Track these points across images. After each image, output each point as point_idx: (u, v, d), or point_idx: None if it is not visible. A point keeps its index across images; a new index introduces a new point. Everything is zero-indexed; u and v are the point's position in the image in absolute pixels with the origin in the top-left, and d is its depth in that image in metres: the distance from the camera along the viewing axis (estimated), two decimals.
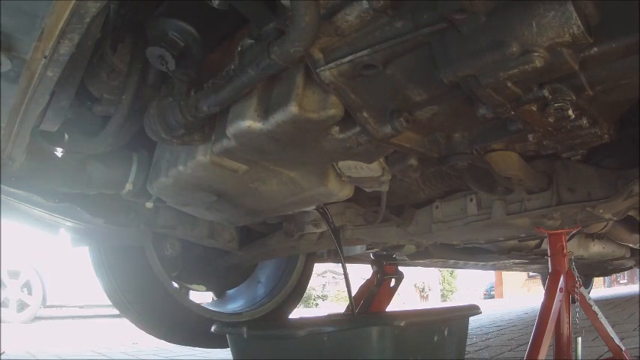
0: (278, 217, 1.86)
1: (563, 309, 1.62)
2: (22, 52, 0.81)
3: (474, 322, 3.14)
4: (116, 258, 1.88)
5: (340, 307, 8.98)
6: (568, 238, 1.78)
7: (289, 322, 2.14)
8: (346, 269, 1.66)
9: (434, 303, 21.27)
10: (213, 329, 1.50)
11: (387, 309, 3.04)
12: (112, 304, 1.98)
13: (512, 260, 3.07)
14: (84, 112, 1.29)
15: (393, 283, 3.04)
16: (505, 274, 17.75)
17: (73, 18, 0.76)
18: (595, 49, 0.79)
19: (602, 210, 1.46)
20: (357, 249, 2.42)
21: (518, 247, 2.57)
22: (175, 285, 2.11)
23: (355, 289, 2.96)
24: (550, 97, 0.87)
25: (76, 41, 0.80)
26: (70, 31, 0.78)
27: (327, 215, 1.70)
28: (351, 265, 3.11)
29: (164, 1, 1.10)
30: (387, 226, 1.88)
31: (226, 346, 1.50)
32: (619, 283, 17.71)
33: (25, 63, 0.82)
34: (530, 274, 13.77)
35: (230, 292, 2.46)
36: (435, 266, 3.73)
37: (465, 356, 1.54)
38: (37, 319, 7.12)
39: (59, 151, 1.30)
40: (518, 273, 13.04)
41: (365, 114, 0.97)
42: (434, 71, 0.84)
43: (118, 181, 1.39)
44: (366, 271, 3.07)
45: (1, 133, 0.97)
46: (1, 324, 5.84)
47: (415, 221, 1.82)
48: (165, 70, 1.08)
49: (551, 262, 1.71)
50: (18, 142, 1.04)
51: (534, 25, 0.73)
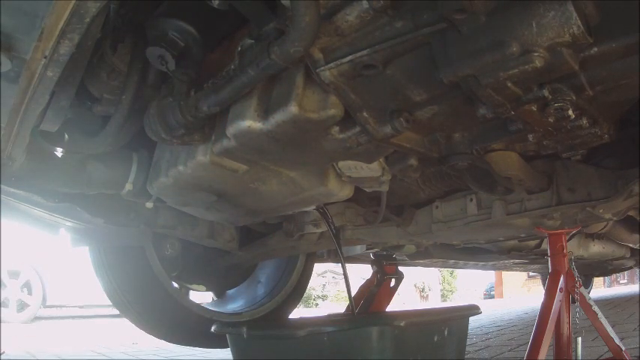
0: (278, 217, 1.86)
1: (563, 309, 1.62)
2: (22, 52, 0.81)
3: (473, 322, 3.14)
4: (116, 258, 1.88)
5: (340, 307, 8.98)
6: (568, 238, 1.78)
7: (289, 322, 2.14)
8: (346, 269, 1.66)
9: (434, 303, 21.26)
10: (213, 329, 1.50)
11: (387, 309, 3.04)
12: (112, 304, 1.98)
13: (512, 260, 3.07)
14: (84, 112, 1.29)
15: (393, 283, 3.04)
16: (505, 274, 17.75)
17: (73, 18, 0.76)
18: (595, 49, 0.79)
19: (602, 210, 1.46)
20: (357, 249, 2.42)
21: (518, 247, 2.57)
22: (175, 285, 2.11)
23: (355, 289, 2.96)
24: (550, 97, 0.87)
25: (76, 41, 0.80)
26: (70, 31, 0.78)
27: (327, 215, 1.70)
28: (351, 265, 3.11)
29: (164, 1, 1.10)
30: (387, 226, 1.88)
31: (226, 346, 1.50)
32: (619, 283, 17.70)
33: (25, 63, 0.82)
34: (530, 274, 13.77)
35: (230, 292, 2.46)
36: (435, 266, 3.73)
37: (465, 356, 1.54)
38: (37, 319, 7.12)
39: (59, 151, 1.30)
40: (518, 273, 13.04)
41: (365, 114, 0.97)
42: (434, 71, 0.84)
43: (118, 181, 1.39)
44: (366, 271, 3.07)
45: (1, 133, 0.97)
46: (1, 324, 5.84)
47: (415, 221, 1.82)
48: (165, 70, 1.08)
49: (551, 262, 1.71)
50: (18, 142, 1.04)
51: (534, 25, 0.73)
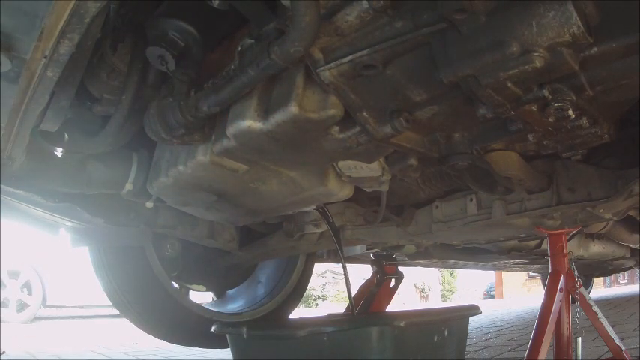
0: (278, 217, 1.86)
1: (563, 309, 1.62)
2: (22, 52, 0.80)
3: (473, 322, 3.14)
4: (116, 258, 1.88)
5: (340, 307, 8.98)
6: (568, 238, 1.78)
7: (289, 322, 2.14)
8: (346, 269, 1.66)
9: (434, 303, 21.26)
10: (213, 329, 1.50)
11: (387, 309, 3.04)
12: (112, 304, 1.98)
13: (512, 260, 3.07)
14: (84, 112, 1.29)
15: (393, 283, 3.04)
16: (505, 274, 17.74)
17: (73, 18, 0.76)
18: (595, 49, 0.79)
19: (602, 210, 1.46)
20: (357, 249, 2.42)
21: (518, 247, 2.57)
22: (175, 285, 2.11)
23: (355, 289, 2.96)
24: (550, 97, 0.87)
25: (76, 41, 0.80)
26: (70, 31, 0.78)
27: (327, 215, 1.70)
28: (351, 265, 3.11)
29: (164, 1, 1.10)
30: (387, 226, 1.88)
31: (226, 346, 1.50)
32: (619, 283, 17.70)
33: (25, 63, 0.82)
34: (530, 274, 13.77)
35: (230, 292, 2.46)
36: (435, 266, 3.73)
37: (465, 356, 1.54)
38: (37, 319, 7.12)
39: (59, 151, 1.30)
40: (518, 273, 13.04)
41: (365, 114, 0.97)
42: (434, 71, 0.84)
43: (118, 181, 1.39)
44: (366, 271, 3.07)
45: (1, 133, 0.97)
46: (1, 324, 5.84)
47: (415, 221, 1.82)
48: (165, 70, 1.08)
49: (551, 262, 1.71)
50: (18, 142, 1.04)
51: (534, 25, 0.73)
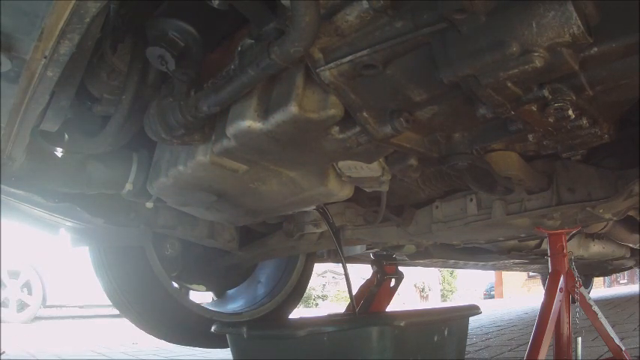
0: (278, 217, 1.86)
1: (563, 309, 1.62)
2: (22, 52, 0.80)
3: (473, 322, 3.14)
4: (116, 258, 1.88)
5: (340, 307, 8.98)
6: (568, 238, 1.78)
7: (289, 322, 2.14)
8: (346, 269, 1.66)
9: (434, 303, 21.26)
10: (213, 329, 1.50)
11: (387, 309, 3.04)
12: (112, 304, 1.98)
13: (512, 260, 3.07)
14: (84, 112, 1.29)
15: (393, 283, 3.04)
16: (505, 274, 17.75)
17: (73, 18, 0.76)
18: (595, 49, 0.80)
19: (602, 210, 1.46)
20: (357, 249, 2.42)
21: (518, 247, 2.57)
22: (175, 285, 2.11)
23: (355, 289, 2.96)
24: (550, 97, 0.87)
25: (76, 41, 0.80)
26: (70, 31, 0.78)
27: (327, 215, 1.70)
28: (351, 265, 3.11)
29: (164, 1, 1.10)
30: (387, 226, 1.88)
31: (226, 346, 1.50)
32: (619, 283, 17.71)
33: (25, 63, 0.82)
34: (530, 274, 13.77)
35: (230, 292, 2.46)
36: (435, 266, 3.73)
37: (465, 356, 1.54)
38: (37, 319, 7.12)
39: (59, 151, 1.30)
40: (518, 273, 13.04)
41: (365, 114, 0.97)
42: (434, 71, 0.84)
43: (118, 181, 1.39)
44: (366, 271, 3.07)
45: (1, 133, 0.97)
46: (1, 324, 5.84)
47: (415, 221, 1.82)
48: (165, 70, 1.08)
49: (551, 262, 1.71)
50: (18, 142, 1.04)
51: (534, 25, 0.73)
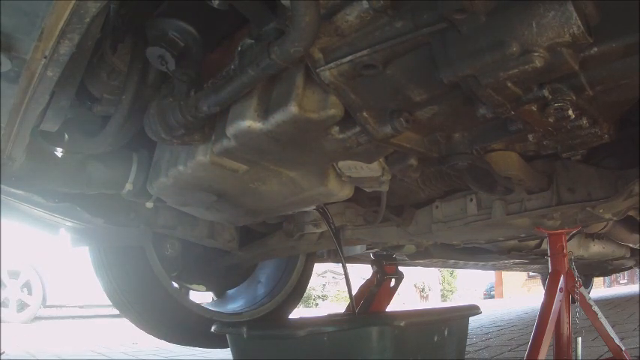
0: (278, 217, 1.86)
1: (563, 309, 1.62)
2: (22, 52, 0.80)
3: (473, 322, 3.14)
4: (116, 258, 1.88)
5: (340, 307, 8.98)
6: (568, 238, 1.78)
7: (289, 322, 2.14)
8: (346, 269, 1.66)
9: (434, 303, 21.26)
10: (213, 329, 1.50)
11: (387, 309, 3.04)
12: (112, 304, 1.98)
13: (512, 260, 3.07)
14: (84, 112, 1.29)
15: (393, 283, 3.04)
16: (505, 274, 17.74)
17: (73, 18, 0.76)
18: (595, 49, 0.80)
19: (602, 210, 1.46)
20: (357, 249, 2.42)
21: (518, 247, 2.57)
22: (175, 285, 2.11)
23: (355, 289, 2.96)
24: (550, 97, 0.87)
25: (76, 41, 0.80)
26: (70, 31, 0.78)
27: (327, 215, 1.70)
28: (351, 265, 3.11)
29: (164, 1, 1.10)
30: (387, 226, 1.88)
31: (226, 346, 1.50)
32: (619, 283, 17.70)
33: (25, 63, 0.82)
34: (530, 274, 13.77)
35: (230, 292, 2.46)
36: (435, 266, 3.73)
37: (465, 356, 1.54)
38: (37, 319, 7.12)
39: (59, 151, 1.30)
40: (518, 273, 13.04)
41: (365, 114, 0.97)
42: (434, 71, 0.84)
43: (118, 181, 1.39)
44: (366, 271, 3.07)
45: (1, 133, 0.97)
46: (1, 324, 5.84)
47: (415, 221, 1.82)
48: (165, 70, 1.08)
49: (551, 262, 1.71)
50: (18, 142, 1.04)
51: (534, 25, 0.73)
